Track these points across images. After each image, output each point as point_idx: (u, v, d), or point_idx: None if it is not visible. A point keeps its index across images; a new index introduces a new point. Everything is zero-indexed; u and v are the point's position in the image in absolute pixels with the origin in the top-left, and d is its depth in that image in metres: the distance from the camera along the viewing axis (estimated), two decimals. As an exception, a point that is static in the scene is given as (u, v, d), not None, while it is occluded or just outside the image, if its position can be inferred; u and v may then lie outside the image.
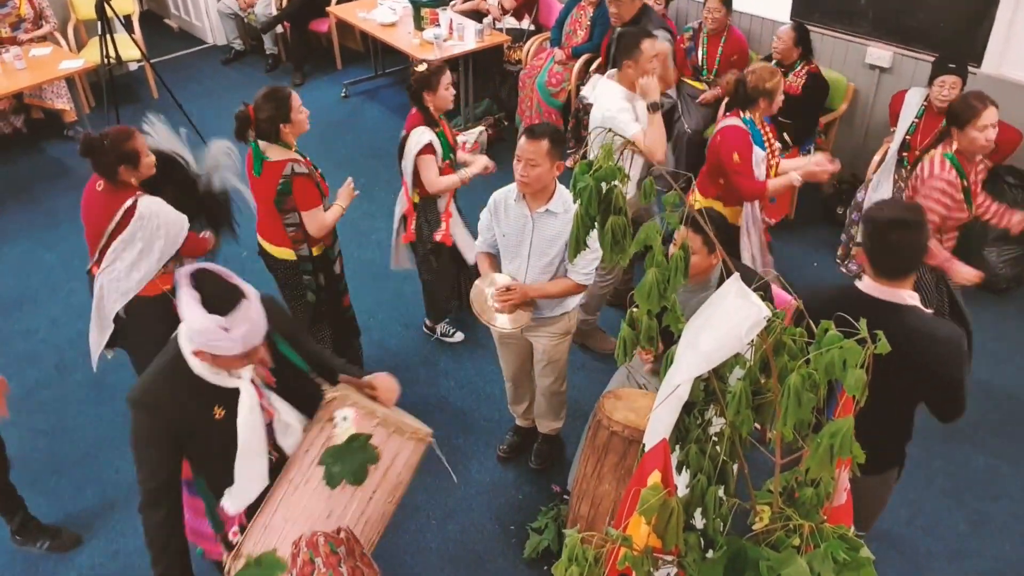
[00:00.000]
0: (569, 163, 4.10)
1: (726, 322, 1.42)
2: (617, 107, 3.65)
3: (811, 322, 1.44)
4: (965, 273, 3.31)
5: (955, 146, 3.29)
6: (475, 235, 3.74)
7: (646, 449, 1.53)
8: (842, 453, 1.35)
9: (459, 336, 4.43)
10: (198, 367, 2.11)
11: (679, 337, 1.55)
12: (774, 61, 4.99)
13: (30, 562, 3.34)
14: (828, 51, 5.11)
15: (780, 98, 3.69)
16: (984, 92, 3.29)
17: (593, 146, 2.14)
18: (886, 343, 1.35)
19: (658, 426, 1.53)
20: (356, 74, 7.32)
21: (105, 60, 6.10)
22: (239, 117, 3.35)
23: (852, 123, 5.21)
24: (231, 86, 7.27)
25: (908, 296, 2.35)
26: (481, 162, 3.93)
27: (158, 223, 3.18)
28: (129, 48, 6.52)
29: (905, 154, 4.36)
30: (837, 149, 5.27)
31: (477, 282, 3.18)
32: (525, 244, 3.07)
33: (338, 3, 7.14)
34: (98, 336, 3.40)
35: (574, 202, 1.51)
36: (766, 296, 1.67)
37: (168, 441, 2.14)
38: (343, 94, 7.05)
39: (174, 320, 2.17)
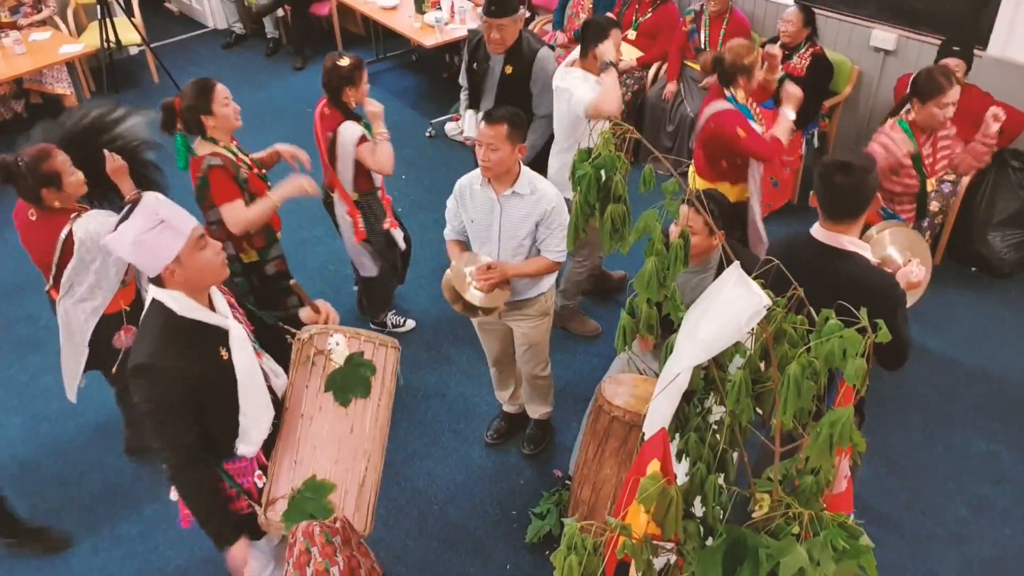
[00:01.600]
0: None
1: (726, 311, 1.41)
2: (586, 86, 3.62)
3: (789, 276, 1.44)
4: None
5: (912, 116, 3.36)
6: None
7: (646, 438, 1.52)
8: (842, 443, 1.35)
9: (411, 323, 4.41)
10: (182, 305, 2.12)
11: (679, 326, 1.54)
12: (779, 43, 4.96)
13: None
14: (832, 33, 5.06)
15: (760, 74, 3.70)
16: (949, 68, 3.38)
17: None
18: (887, 332, 1.34)
19: (657, 415, 1.52)
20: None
21: (105, 44, 6.08)
22: (165, 107, 3.24)
23: (856, 106, 5.17)
24: (232, 70, 7.23)
25: (849, 242, 2.47)
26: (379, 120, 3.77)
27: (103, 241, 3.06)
28: (129, 32, 6.49)
29: None
30: (841, 132, 5.24)
31: (453, 263, 3.15)
32: (494, 227, 3.07)
33: (339, -14, 7.09)
34: (74, 364, 3.28)
35: (573, 190, 1.49)
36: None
37: (186, 399, 2.15)
38: (344, 78, 7.00)
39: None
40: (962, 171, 3.66)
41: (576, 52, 3.80)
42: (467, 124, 4.21)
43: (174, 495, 2.32)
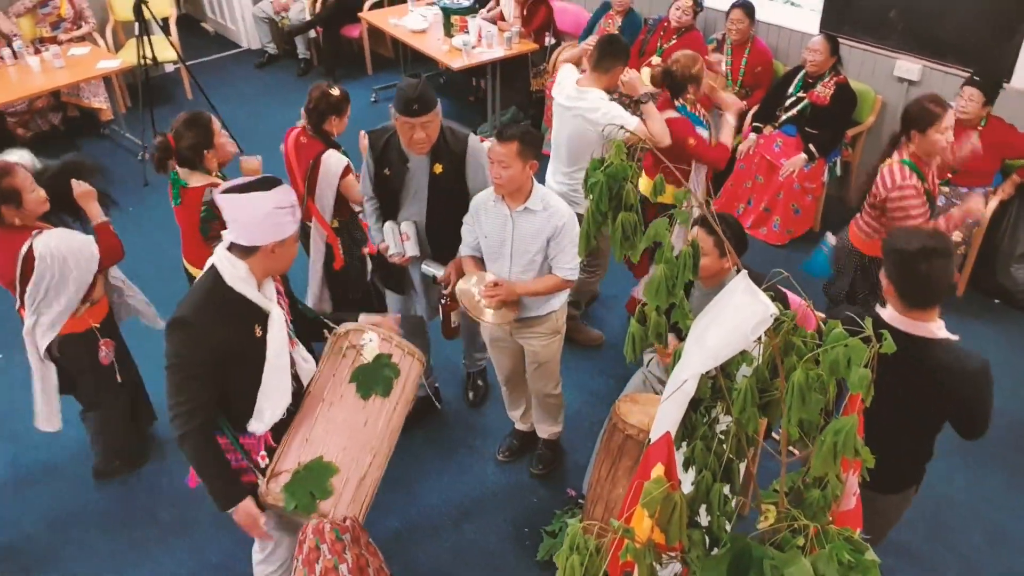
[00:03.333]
0: None
1: (733, 319, 1.43)
2: (610, 105, 3.68)
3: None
4: (974, 207, 3.48)
5: (911, 149, 3.29)
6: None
7: (651, 442, 1.54)
8: (846, 452, 1.36)
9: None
10: (239, 280, 2.25)
11: (687, 334, 1.56)
12: (803, 72, 5.00)
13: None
14: (856, 63, 5.08)
15: (706, 81, 3.90)
16: (940, 95, 3.36)
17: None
18: (891, 343, 1.35)
19: (664, 420, 1.54)
20: (386, 79, 7.41)
21: (141, 61, 6.24)
22: (160, 146, 3.27)
23: (879, 136, 5.17)
24: (264, 89, 7.39)
25: (937, 328, 2.33)
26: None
27: (63, 256, 3.03)
28: (165, 50, 6.66)
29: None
30: (864, 162, 5.24)
31: (462, 281, 3.19)
32: (507, 243, 3.09)
33: (370, 9, 7.24)
34: (46, 384, 3.28)
35: (585, 198, 1.53)
36: (778, 298, 1.67)
37: (212, 362, 2.23)
38: (372, 99, 7.13)
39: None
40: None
41: (568, 69, 3.88)
42: (391, 238, 3.32)
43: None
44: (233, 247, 2.28)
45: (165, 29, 6.80)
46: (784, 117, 5.07)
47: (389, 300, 3.71)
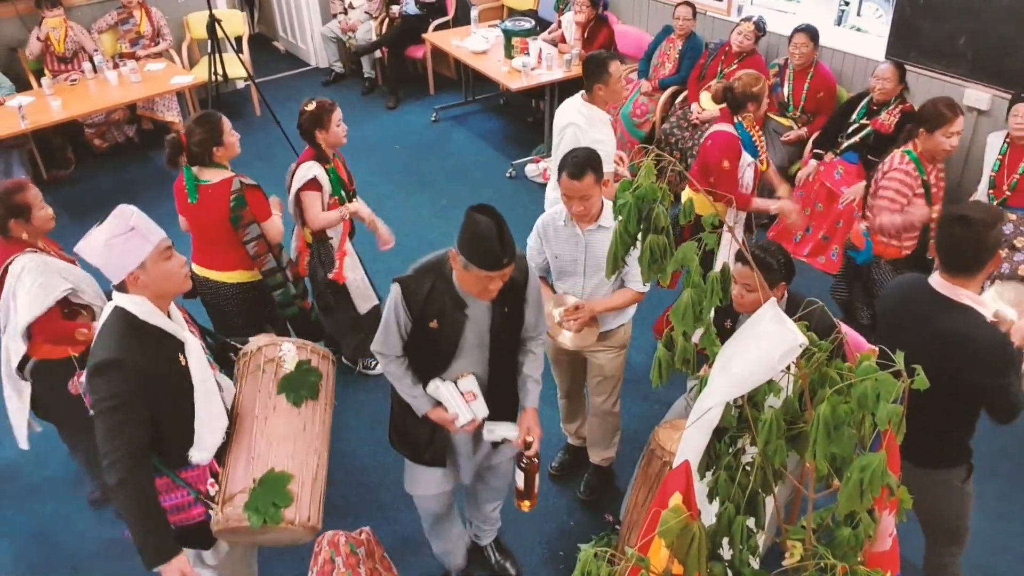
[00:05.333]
0: None
1: (759, 347, 1.39)
2: (606, 132, 3.85)
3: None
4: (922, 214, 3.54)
5: (919, 147, 3.49)
6: (371, 279, 4.06)
7: (672, 467, 1.51)
8: (872, 490, 1.30)
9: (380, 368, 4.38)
10: (144, 309, 2.22)
11: (714, 360, 1.53)
12: (868, 98, 4.88)
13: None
14: (923, 91, 4.94)
15: (767, 102, 3.90)
16: (955, 100, 3.52)
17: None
18: (924, 379, 1.30)
19: (686, 448, 1.51)
20: (447, 99, 7.52)
21: (213, 77, 6.47)
22: (171, 143, 3.31)
23: (948, 164, 5.00)
24: (328, 107, 7.56)
25: (966, 296, 2.41)
26: (367, 211, 3.90)
27: (30, 272, 3.01)
28: (236, 67, 6.89)
29: (992, 191, 4.29)
30: (929, 192, 5.08)
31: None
32: (579, 262, 3.09)
33: (435, 30, 7.37)
34: (19, 403, 3.25)
35: (614, 219, 1.51)
36: (820, 326, 1.62)
37: (143, 398, 2.17)
38: (433, 118, 7.24)
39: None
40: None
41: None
42: (454, 403, 2.64)
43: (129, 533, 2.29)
44: (116, 288, 2.27)
45: (238, 47, 7.04)
46: (846, 144, 4.96)
47: (412, 476, 2.94)
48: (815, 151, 5.08)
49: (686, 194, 4.01)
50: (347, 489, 3.73)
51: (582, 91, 3.93)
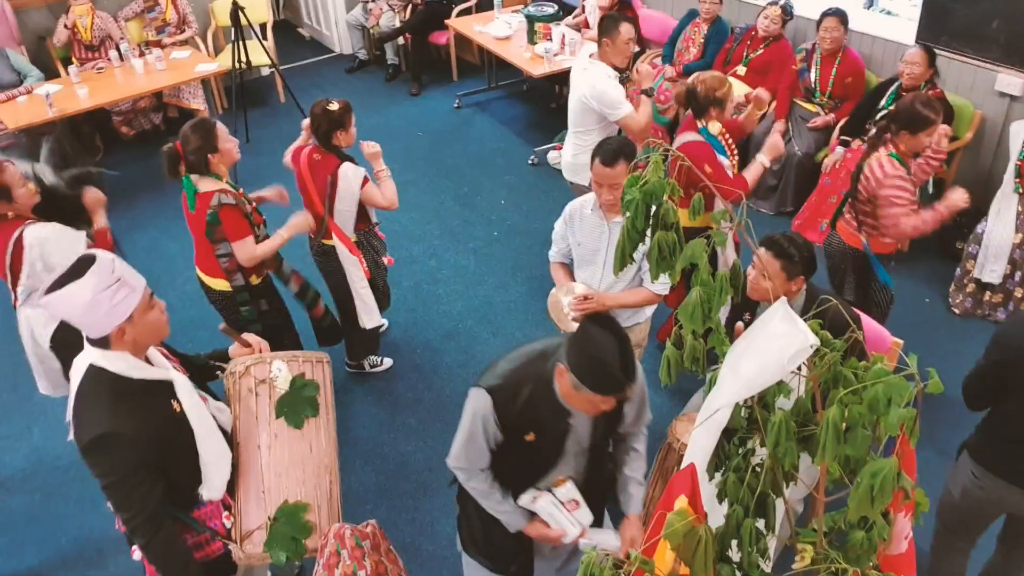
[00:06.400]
0: None
1: (768, 347, 1.36)
2: (609, 84, 3.95)
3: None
4: (956, 199, 3.47)
5: (901, 147, 3.46)
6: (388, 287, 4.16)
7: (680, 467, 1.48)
8: (883, 496, 1.27)
9: (388, 362, 4.38)
10: (128, 365, 2.08)
11: (723, 360, 1.50)
12: (897, 83, 4.77)
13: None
14: (955, 76, 4.82)
15: (731, 106, 3.77)
16: (928, 99, 3.51)
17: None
18: (938, 383, 1.26)
19: (694, 449, 1.48)
20: (470, 86, 7.48)
21: (236, 64, 6.49)
22: (168, 154, 3.28)
23: (978, 152, 4.90)
24: (352, 93, 7.56)
25: None
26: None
27: (52, 247, 3.08)
28: (260, 54, 6.90)
29: (1017, 180, 4.22)
30: (960, 180, 4.95)
31: (553, 291, 3.18)
32: (600, 253, 3.07)
33: (458, 16, 7.33)
34: (46, 368, 3.30)
35: (623, 215, 1.48)
36: (835, 321, 1.58)
37: (149, 460, 2.09)
38: (456, 105, 7.21)
39: None
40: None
41: (588, 46, 4.21)
42: (558, 516, 2.40)
43: (137, 555, 2.28)
44: (93, 343, 2.09)
45: (262, 34, 7.05)
46: (874, 130, 4.85)
47: None
48: (842, 138, 4.98)
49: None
50: (365, 477, 3.75)
51: (590, 51, 4.13)
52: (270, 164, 6.48)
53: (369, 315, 3.91)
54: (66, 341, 3.21)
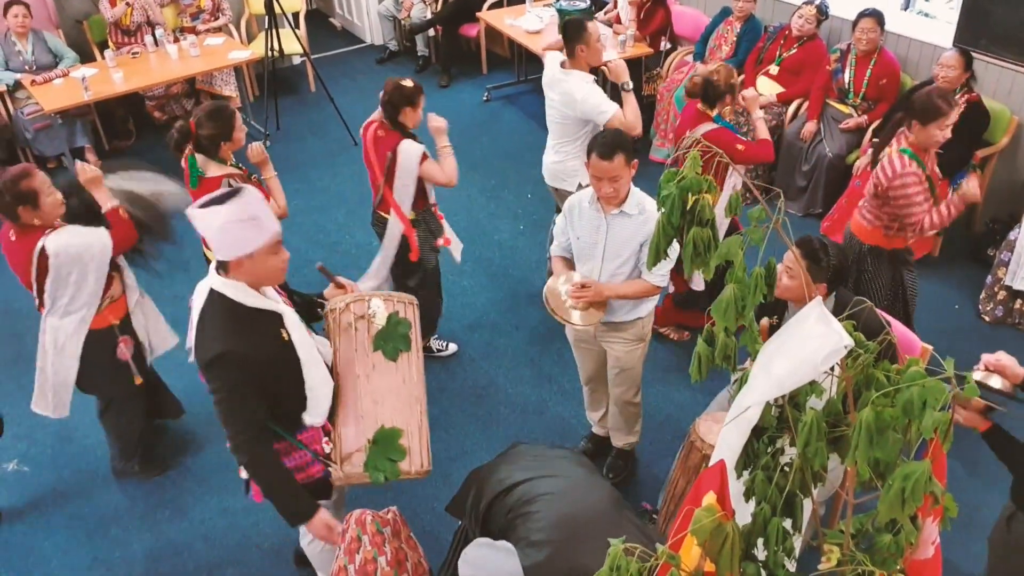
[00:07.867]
0: None
1: (802, 347, 1.36)
2: (590, 89, 3.89)
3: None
4: (970, 190, 3.42)
5: (910, 139, 3.40)
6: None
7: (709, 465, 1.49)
8: (914, 499, 1.27)
9: (453, 347, 4.41)
10: (243, 294, 2.27)
11: (755, 358, 1.50)
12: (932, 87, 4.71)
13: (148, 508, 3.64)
14: (992, 80, 4.75)
15: (739, 95, 3.96)
16: (947, 92, 3.48)
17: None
18: (974, 387, 1.25)
19: (724, 447, 1.48)
20: (499, 79, 7.48)
21: (269, 53, 6.53)
22: (181, 131, 3.32)
23: (1015, 158, 4.82)
24: (382, 84, 7.55)
25: None
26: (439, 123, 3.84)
27: (76, 252, 3.07)
28: (292, 43, 6.95)
29: None
30: (994, 186, 4.90)
31: (550, 280, 3.20)
32: (599, 246, 3.06)
33: (489, 9, 7.33)
34: (64, 377, 3.32)
35: (658, 210, 1.49)
36: (867, 324, 1.58)
37: (254, 381, 2.27)
38: (485, 97, 7.21)
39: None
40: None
41: (553, 55, 4.14)
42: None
43: (244, 473, 2.48)
44: (217, 267, 2.31)
45: (295, 23, 7.10)
46: (889, 124, 4.79)
47: None
48: (875, 140, 4.92)
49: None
50: (387, 465, 3.78)
51: (560, 60, 4.04)
52: (299, 151, 6.55)
53: (373, 280, 3.99)
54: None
